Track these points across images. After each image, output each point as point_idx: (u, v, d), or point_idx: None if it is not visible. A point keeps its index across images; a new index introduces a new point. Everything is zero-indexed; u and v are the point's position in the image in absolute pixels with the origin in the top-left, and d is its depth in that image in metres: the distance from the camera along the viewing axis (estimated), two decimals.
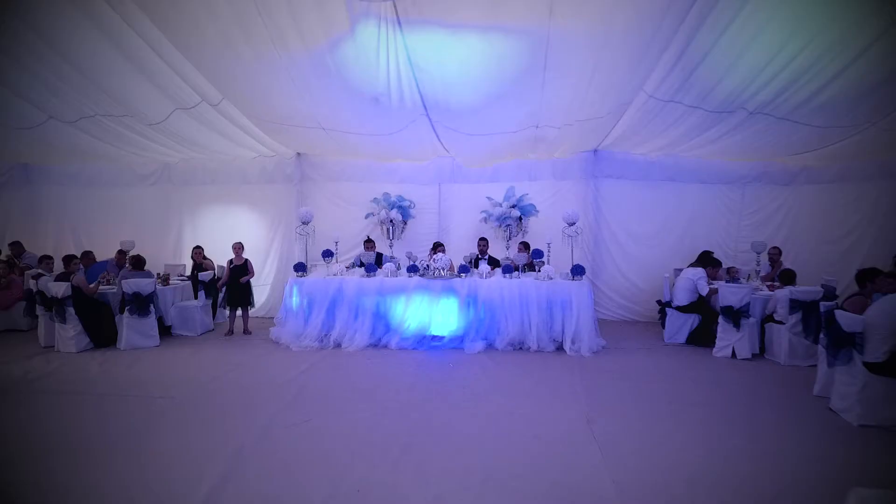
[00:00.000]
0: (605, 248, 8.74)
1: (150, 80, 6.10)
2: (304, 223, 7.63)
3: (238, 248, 8.27)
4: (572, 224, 7.17)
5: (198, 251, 8.55)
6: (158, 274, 8.13)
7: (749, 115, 6.06)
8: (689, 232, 8.66)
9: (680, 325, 7.35)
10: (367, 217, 8.84)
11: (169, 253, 9.28)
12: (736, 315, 6.54)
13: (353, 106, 5.91)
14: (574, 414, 4.69)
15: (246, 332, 8.13)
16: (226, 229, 9.09)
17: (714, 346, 6.78)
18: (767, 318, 6.77)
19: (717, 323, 6.94)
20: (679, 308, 7.33)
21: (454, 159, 8.75)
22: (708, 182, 8.54)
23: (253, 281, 8.84)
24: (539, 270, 7.20)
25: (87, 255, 8.34)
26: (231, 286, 8.11)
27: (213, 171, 9.15)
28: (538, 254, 7.22)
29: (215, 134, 7.68)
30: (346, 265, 7.82)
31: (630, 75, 5.75)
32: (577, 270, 7.01)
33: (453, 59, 5.15)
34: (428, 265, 7.28)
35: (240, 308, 8.22)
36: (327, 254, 7.55)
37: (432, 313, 7.11)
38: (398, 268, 7.56)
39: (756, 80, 5.61)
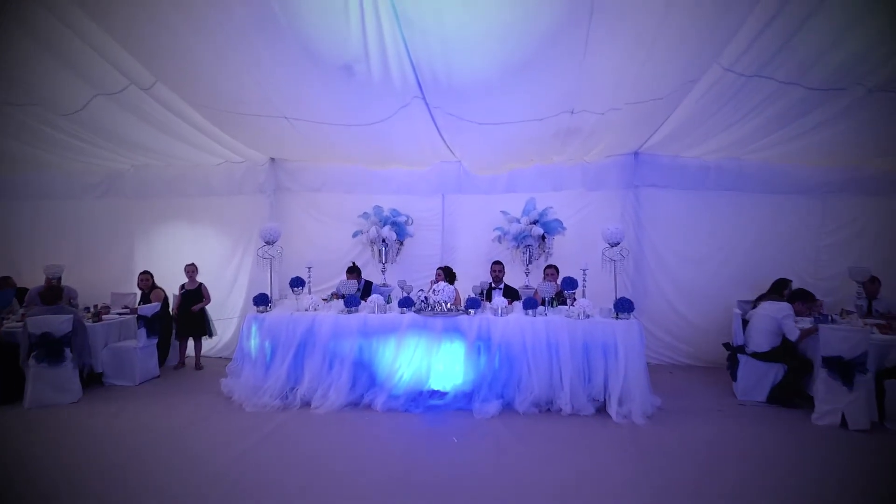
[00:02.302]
0: (649, 273, 7.01)
1: (57, 57, 4.58)
2: (267, 243, 6.00)
3: (191, 270, 6.84)
4: (616, 244, 5.47)
5: (145, 278, 6.98)
6: (89, 308, 6.52)
7: (868, 92, 4.39)
8: (754, 254, 6.91)
9: (758, 378, 5.57)
10: (354, 236, 7.20)
11: (117, 278, 7.65)
12: (847, 369, 4.77)
13: (320, 82, 4.30)
14: None
15: (198, 366, 6.96)
16: (184, 250, 7.49)
17: (812, 410, 5.01)
18: (884, 373, 4.99)
19: (811, 376, 5.21)
20: (757, 355, 5.56)
21: (461, 164, 7.13)
22: (779, 192, 6.81)
23: (216, 313, 7.34)
24: (572, 305, 5.49)
25: (6, 281, 6.76)
26: (182, 315, 6.75)
27: (171, 181, 7.59)
28: (570, 283, 5.51)
29: (162, 134, 6.15)
30: (324, 297, 6.15)
31: (703, 41, 4.13)
32: (623, 306, 5.29)
33: (456, 6, 3.54)
34: (426, 298, 5.59)
35: (192, 338, 6.92)
36: (297, 283, 5.89)
37: (431, 361, 5.40)
38: (388, 301, 5.88)
39: (884, 44, 3.98)
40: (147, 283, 6.97)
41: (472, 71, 4.08)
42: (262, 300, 5.72)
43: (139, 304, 6.90)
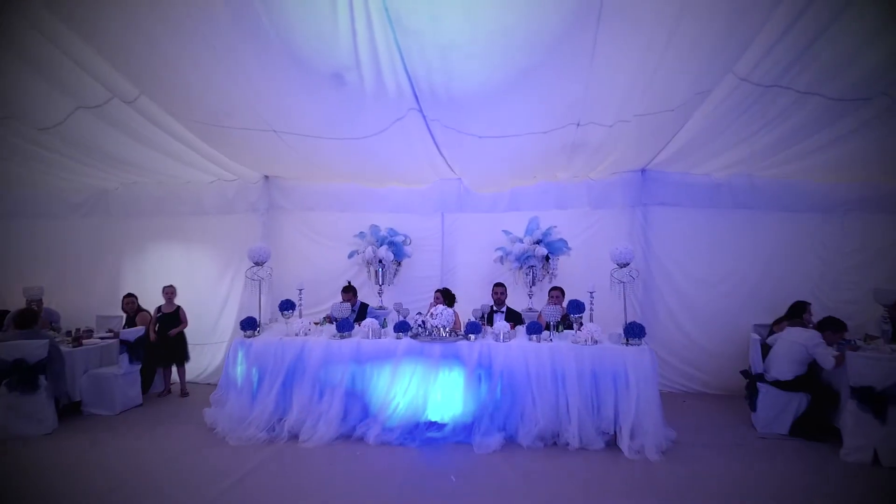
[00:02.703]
0: (658, 295, 6.66)
1: (34, 68, 4.35)
2: (256, 264, 5.69)
3: (170, 292, 6.57)
4: (625, 265, 5.15)
5: (129, 300, 6.68)
6: (70, 331, 6.21)
7: (894, 103, 4.10)
8: (769, 275, 6.55)
9: (781, 408, 5.19)
10: (350, 256, 6.89)
11: (104, 300, 7.32)
12: (879, 400, 4.40)
13: (307, 92, 4.04)
14: None
15: (183, 393, 6.62)
16: (173, 271, 7.21)
17: (840, 445, 4.63)
18: None
19: (837, 407, 4.84)
20: (779, 384, 5.19)
21: (461, 181, 6.85)
22: (795, 210, 6.48)
23: (205, 337, 7.03)
24: (578, 330, 5.15)
25: None
26: (160, 340, 6.43)
27: (160, 200, 7.32)
28: (576, 307, 5.17)
29: (150, 150, 5.90)
30: (316, 320, 5.81)
31: (717, 49, 3.87)
32: (634, 331, 4.94)
33: (455, 11, 3.29)
34: (424, 322, 5.26)
35: (174, 366, 6.61)
36: (286, 306, 5.56)
37: (429, 390, 5.04)
38: (383, 325, 5.54)
39: None
40: (132, 305, 6.66)
41: (472, 80, 3.80)
42: (249, 324, 5.39)
43: (124, 328, 6.58)
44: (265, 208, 7.18)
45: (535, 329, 5.07)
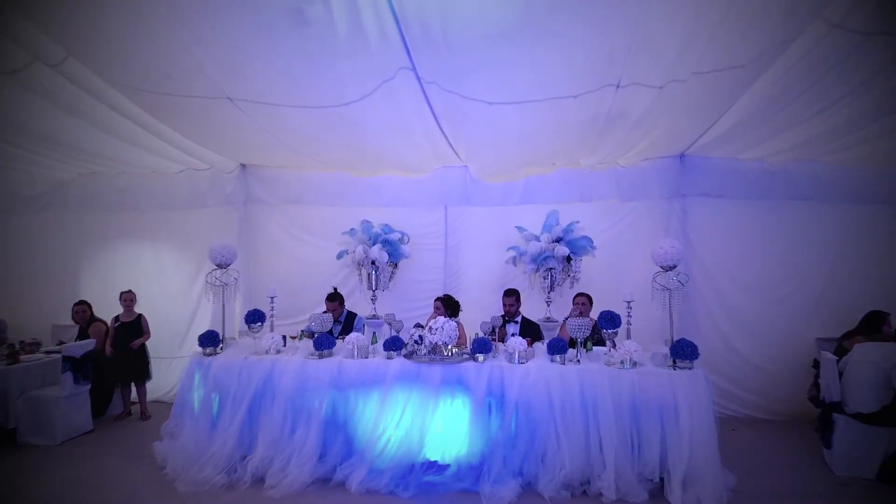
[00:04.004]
0: (700, 303, 5.63)
1: None
2: (219, 267, 4.73)
3: (129, 298, 5.68)
4: (670, 268, 4.15)
5: (81, 309, 5.80)
6: (14, 344, 5.33)
7: None
8: (835, 280, 5.51)
9: (865, 447, 4.17)
10: (339, 257, 5.92)
11: (60, 307, 6.39)
12: None
13: (261, 38, 3.04)
14: None
15: (144, 415, 5.75)
16: (138, 274, 6.33)
17: None
18: None
19: None
20: (861, 417, 4.16)
21: (467, 169, 5.87)
22: (869, 202, 5.44)
23: (171, 351, 6.18)
24: (613, 348, 4.15)
25: None
26: (119, 355, 5.61)
27: (123, 192, 6.39)
28: (610, 320, 4.15)
29: (102, 133, 4.99)
30: (293, 334, 4.85)
31: None
32: (684, 352, 3.93)
33: None
34: (420, 338, 4.28)
35: (134, 384, 5.77)
36: (254, 318, 4.58)
37: (426, 423, 4.06)
38: (373, 340, 4.58)
39: None
40: (84, 315, 5.76)
41: (478, 20, 2.81)
42: (209, 340, 4.44)
43: (77, 340, 5.67)
44: (242, 201, 6.26)
45: (558, 348, 4.07)
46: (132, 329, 5.71)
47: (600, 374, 3.92)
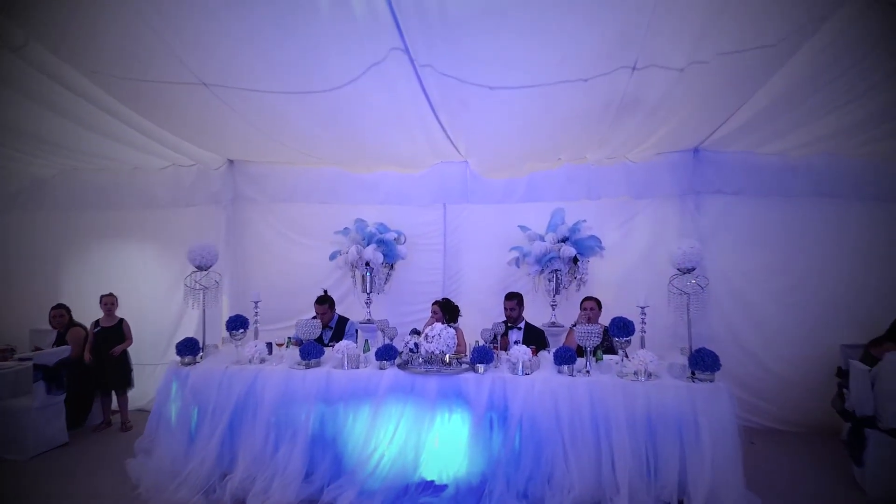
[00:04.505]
0: (716, 307, 5.25)
1: None
2: (199, 269, 4.40)
3: (110, 302, 5.39)
4: (688, 270, 3.81)
5: (59, 313, 5.48)
6: None
7: None
8: (860, 282, 5.15)
9: None
10: (332, 258, 5.58)
11: (39, 311, 6.03)
12: None
13: (239, 15, 2.68)
14: None
15: (125, 426, 5.39)
16: (121, 276, 6.03)
17: None
18: None
19: None
20: (894, 432, 3.81)
21: (467, 164, 5.53)
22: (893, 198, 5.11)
23: (155, 357, 5.91)
24: (626, 358, 3.80)
25: None
26: (99, 362, 5.32)
27: (103, 189, 6.06)
28: (622, 327, 3.80)
29: (76, 125, 4.65)
30: (280, 341, 4.52)
31: None
32: (704, 362, 3.59)
33: None
34: (416, 346, 3.94)
35: (114, 392, 5.48)
36: (236, 324, 4.24)
37: (422, 440, 3.71)
38: (365, 348, 4.24)
39: None
40: (62, 320, 5.42)
41: None
42: (188, 348, 4.10)
43: (54, 346, 5.36)
44: (230, 199, 5.93)
45: (566, 358, 3.73)
46: (113, 334, 5.40)
47: (612, 386, 3.58)
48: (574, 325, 4.67)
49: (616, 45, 2.85)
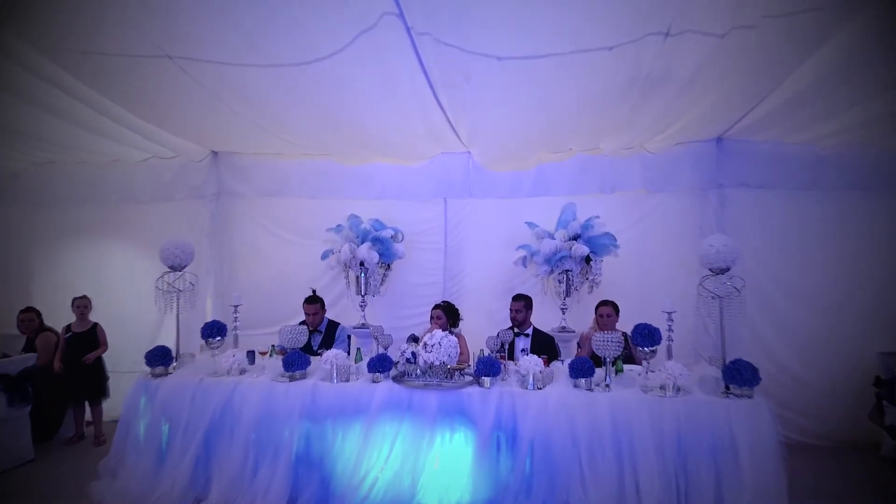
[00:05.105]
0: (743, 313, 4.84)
1: None
2: (172, 269, 3.97)
3: (83, 305, 4.96)
4: (722, 271, 3.39)
5: (28, 317, 5.07)
6: None
7: None
8: None
9: None
10: (324, 257, 5.16)
11: (8, 315, 5.60)
12: None
13: None
14: None
15: (98, 440, 4.95)
16: (97, 276, 5.61)
17: None
18: None
19: None
20: None
21: (469, 156, 5.10)
22: None
23: (133, 365, 5.28)
24: (650, 370, 3.37)
25: None
26: (71, 369, 4.83)
27: (79, 184, 5.64)
28: (647, 335, 3.37)
29: (44, 112, 4.22)
30: (263, 349, 4.08)
31: None
32: (741, 376, 3.18)
33: None
34: (413, 356, 3.51)
35: (88, 403, 5.02)
36: (212, 331, 3.81)
37: (420, 462, 3.29)
38: (356, 359, 3.81)
39: None
40: (32, 324, 5.01)
41: None
42: (158, 358, 3.68)
43: (23, 353, 4.94)
44: (213, 193, 5.52)
45: (583, 370, 3.30)
46: (86, 340, 4.97)
47: (637, 402, 3.17)
48: (587, 334, 4.26)
49: (648, 4, 2.42)
